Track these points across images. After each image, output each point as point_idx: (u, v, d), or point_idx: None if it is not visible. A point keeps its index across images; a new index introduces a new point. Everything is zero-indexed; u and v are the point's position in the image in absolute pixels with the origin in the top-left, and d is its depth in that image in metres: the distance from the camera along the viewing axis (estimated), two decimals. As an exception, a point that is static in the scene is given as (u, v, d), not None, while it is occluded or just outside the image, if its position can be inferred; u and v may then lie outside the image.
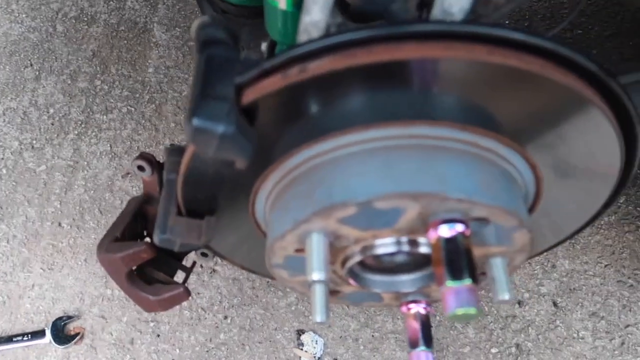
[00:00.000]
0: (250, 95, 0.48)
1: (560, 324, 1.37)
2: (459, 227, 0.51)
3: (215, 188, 0.64)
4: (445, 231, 0.51)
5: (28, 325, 1.28)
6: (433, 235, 0.52)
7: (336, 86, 0.49)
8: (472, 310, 0.47)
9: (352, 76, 0.48)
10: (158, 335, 1.30)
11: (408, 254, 0.62)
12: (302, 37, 0.53)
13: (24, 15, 1.82)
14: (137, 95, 1.71)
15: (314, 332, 1.35)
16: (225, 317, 1.35)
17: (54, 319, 1.27)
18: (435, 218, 0.52)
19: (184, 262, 0.99)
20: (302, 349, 1.32)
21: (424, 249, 0.58)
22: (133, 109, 1.68)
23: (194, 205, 0.67)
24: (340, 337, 1.35)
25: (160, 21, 1.90)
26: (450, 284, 0.48)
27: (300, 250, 0.59)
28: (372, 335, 1.36)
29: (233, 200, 0.65)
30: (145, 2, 1.94)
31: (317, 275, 0.53)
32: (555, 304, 1.39)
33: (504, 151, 0.56)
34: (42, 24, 1.81)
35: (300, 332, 1.35)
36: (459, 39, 0.46)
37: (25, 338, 1.23)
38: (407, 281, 0.67)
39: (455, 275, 0.48)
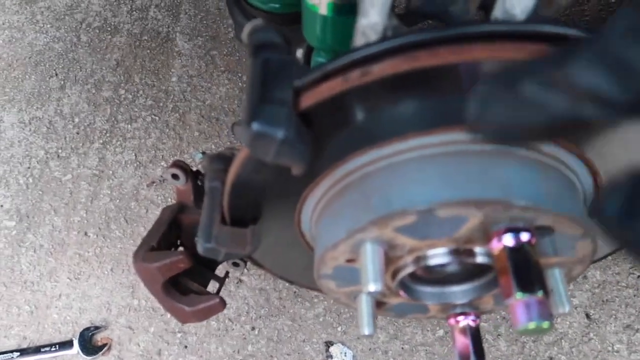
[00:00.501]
0: (309, 99, 0.46)
1: (594, 337, 1.32)
2: (525, 236, 0.49)
3: (260, 196, 0.62)
4: (510, 240, 0.49)
5: (55, 335, 1.27)
6: (497, 245, 0.49)
7: (394, 90, 0.47)
8: (545, 325, 0.44)
9: (411, 79, 0.46)
10: (185, 347, 1.28)
11: (461, 264, 0.60)
12: (358, 40, 0.51)
13: (48, 26, 1.84)
14: (161, 104, 1.71)
15: (343, 344, 1.32)
16: (253, 328, 1.32)
17: (82, 329, 1.26)
18: (499, 227, 0.50)
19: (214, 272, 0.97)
20: (330, 361, 1.29)
21: (480, 259, 0.55)
22: (157, 117, 1.67)
23: (237, 214, 0.65)
24: (370, 349, 1.32)
25: (182, 31, 1.91)
26: (520, 296, 0.46)
27: (351, 260, 0.57)
28: (402, 348, 1.33)
29: (278, 208, 0.64)
30: (168, 12, 1.95)
31: (373, 286, 0.51)
32: (588, 316, 1.35)
33: (566, 157, 0.53)
34: (66, 34, 1.82)
35: (328, 344, 1.32)
36: (527, 39, 0.44)
37: (53, 349, 1.22)
38: (458, 292, 0.65)
39: (525, 287, 0.46)
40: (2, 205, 1.43)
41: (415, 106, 0.49)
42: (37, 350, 1.22)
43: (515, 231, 0.49)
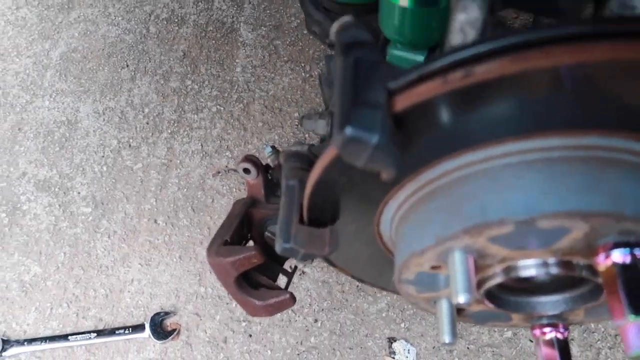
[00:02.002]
0: (404, 102, 0.44)
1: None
2: (638, 252, 0.44)
3: (340, 196, 0.61)
4: (620, 256, 0.45)
5: (128, 318, 1.32)
6: (604, 260, 0.45)
7: (493, 91, 0.44)
8: (662, 351, 0.40)
9: (512, 80, 0.42)
10: (250, 335, 1.30)
11: (555, 275, 0.56)
12: (455, 37, 0.48)
13: (119, 18, 1.90)
14: (226, 94, 1.73)
15: (406, 340, 1.30)
16: (316, 321, 1.33)
17: (152, 314, 1.31)
18: (606, 240, 0.46)
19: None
20: (393, 358, 1.28)
21: (579, 272, 0.51)
22: (222, 108, 1.70)
23: (316, 213, 0.64)
24: (434, 347, 1.29)
25: (246, 21, 1.92)
26: (632, 318, 0.42)
27: (436, 267, 0.55)
28: (468, 347, 1.29)
29: (358, 210, 0.62)
30: (232, 2, 1.97)
31: (463, 297, 0.49)
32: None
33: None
34: (136, 26, 1.88)
35: (391, 340, 1.30)
36: None
37: (126, 332, 1.28)
38: (547, 303, 0.61)
39: (639, 309, 0.42)
40: (79, 192, 1.50)
41: (514, 108, 0.46)
42: (112, 332, 1.28)
43: (626, 246, 0.45)
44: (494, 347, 1.30)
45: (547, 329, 0.63)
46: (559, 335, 0.63)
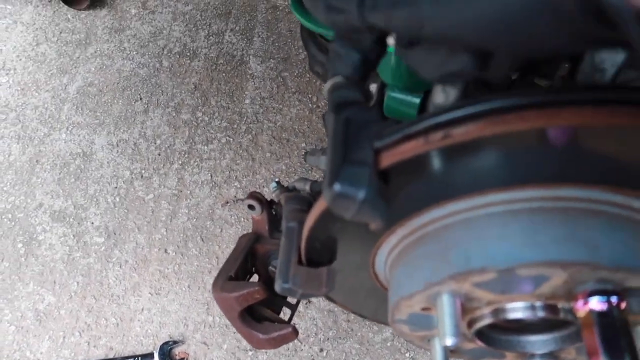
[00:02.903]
0: (389, 159, 0.47)
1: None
2: (614, 300, 0.47)
3: (336, 240, 0.64)
4: (597, 304, 0.47)
5: (138, 347, 1.35)
6: (582, 307, 0.48)
7: (475, 148, 0.47)
8: (637, 398, 0.42)
9: (494, 139, 0.46)
10: (256, 365, 1.32)
11: (542, 317, 0.58)
12: (438, 96, 0.51)
13: (134, 53, 1.97)
14: (235, 125, 1.78)
15: (411, 370, 1.31)
16: (321, 350, 1.35)
17: (161, 342, 1.34)
18: (584, 288, 0.48)
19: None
20: (398, 388, 1.28)
21: (563, 315, 0.54)
22: (231, 139, 1.75)
23: (313, 255, 0.67)
24: (439, 377, 1.30)
25: (255, 53, 1.98)
26: (608, 364, 0.44)
27: (427, 308, 0.57)
28: (473, 378, 1.29)
29: (353, 252, 0.65)
30: (242, 36, 2.04)
31: (449, 340, 0.51)
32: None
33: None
34: (150, 60, 1.95)
35: (396, 370, 1.31)
36: (617, 104, 0.42)
37: (136, 360, 1.31)
38: (537, 342, 0.63)
39: (614, 356, 0.44)
40: (93, 223, 1.55)
41: (496, 161, 0.49)
42: (122, 361, 1.31)
43: (603, 294, 0.47)
44: (499, 378, 1.30)
45: (538, 366, 0.65)
46: (551, 374, 0.65)
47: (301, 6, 1.04)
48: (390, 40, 0.77)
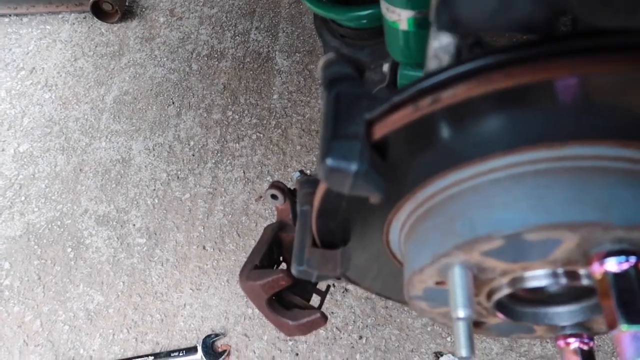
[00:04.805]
0: (380, 130, 0.46)
1: None
2: (631, 260, 0.44)
3: (348, 219, 0.64)
4: (614, 265, 0.44)
5: (182, 341, 1.40)
6: (598, 269, 0.45)
7: (471, 112, 0.46)
8: (657, 360, 0.40)
9: (488, 100, 0.44)
10: (297, 354, 1.34)
11: (563, 285, 0.56)
12: (431, 63, 0.50)
13: (165, 59, 2.03)
14: (265, 121, 1.80)
15: (453, 354, 1.28)
16: (360, 337, 1.34)
17: (204, 336, 1.38)
18: (600, 249, 0.46)
19: (318, 285, 1.00)
20: (441, 373, 1.26)
21: (585, 282, 0.51)
22: (262, 135, 1.77)
23: (327, 237, 0.67)
24: (482, 361, 1.27)
25: (281, 49, 2.00)
26: (625, 328, 0.41)
27: (440, 282, 0.56)
28: (518, 360, 1.26)
29: (366, 231, 0.64)
30: (267, 33, 2.06)
31: (461, 312, 0.50)
32: None
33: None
34: (180, 65, 2.01)
35: (438, 355, 1.29)
36: (611, 50, 0.40)
37: (180, 354, 1.35)
38: (564, 313, 0.60)
39: (632, 318, 0.41)
40: (134, 224, 1.62)
41: (498, 125, 0.47)
42: (167, 355, 1.36)
43: (620, 254, 0.44)
44: (547, 358, 1.25)
45: (571, 339, 0.63)
46: (583, 346, 0.62)
47: (310, -7, 1.04)
48: (394, 16, 0.76)
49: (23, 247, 1.60)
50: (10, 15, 2.23)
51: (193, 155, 1.75)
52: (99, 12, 2.11)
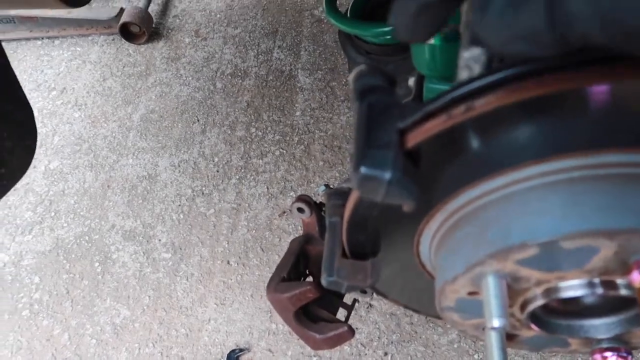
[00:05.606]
0: (413, 139, 0.47)
1: None
2: (672, 268, 0.43)
3: (378, 230, 0.64)
4: (654, 273, 0.44)
5: (207, 356, 1.40)
6: (637, 278, 0.45)
7: (503, 120, 0.46)
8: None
9: (521, 109, 0.44)
10: (321, 371, 1.33)
11: (600, 296, 0.55)
12: (462, 73, 0.51)
13: (190, 78, 2.08)
14: (287, 138, 1.82)
15: (481, 372, 1.26)
16: (386, 354, 1.33)
17: (228, 351, 1.38)
18: (639, 257, 0.45)
19: (344, 300, 1.00)
20: (469, 391, 1.24)
21: (623, 292, 0.50)
22: (285, 151, 1.79)
23: (357, 247, 0.67)
24: (511, 379, 1.24)
25: (303, 67, 2.03)
26: (669, 338, 0.41)
27: (473, 293, 0.56)
28: (549, 379, 1.22)
29: (396, 242, 0.65)
30: (289, 51, 2.09)
31: (497, 322, 0.50)
32: None
33: None
34: (204, 84, 2.05)
35: (465, 372, 1.27)
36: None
37: (205, 369, 1.35)
38: (600, 326, 0.59)
39: (675, 329, 0.41)
40: (160, 240, 1.64)
41: (530, 133, 0.47)
42: (193, 369, 1.36)
43: (659, 262, 0.44)
44: (579, 378, 1.22)
45: (608, 354, 0.61)
46: (621, 360, 0.61)
47: (335, 11, 1.06)
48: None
49: (52, 262, 1.64)
50: (42, 39, 2.32)
51: (217, 172, 1.78)
52: (127, 34, 2.18)
